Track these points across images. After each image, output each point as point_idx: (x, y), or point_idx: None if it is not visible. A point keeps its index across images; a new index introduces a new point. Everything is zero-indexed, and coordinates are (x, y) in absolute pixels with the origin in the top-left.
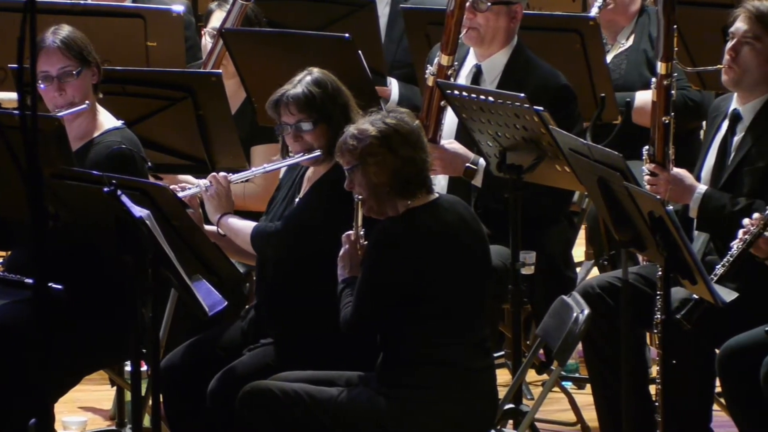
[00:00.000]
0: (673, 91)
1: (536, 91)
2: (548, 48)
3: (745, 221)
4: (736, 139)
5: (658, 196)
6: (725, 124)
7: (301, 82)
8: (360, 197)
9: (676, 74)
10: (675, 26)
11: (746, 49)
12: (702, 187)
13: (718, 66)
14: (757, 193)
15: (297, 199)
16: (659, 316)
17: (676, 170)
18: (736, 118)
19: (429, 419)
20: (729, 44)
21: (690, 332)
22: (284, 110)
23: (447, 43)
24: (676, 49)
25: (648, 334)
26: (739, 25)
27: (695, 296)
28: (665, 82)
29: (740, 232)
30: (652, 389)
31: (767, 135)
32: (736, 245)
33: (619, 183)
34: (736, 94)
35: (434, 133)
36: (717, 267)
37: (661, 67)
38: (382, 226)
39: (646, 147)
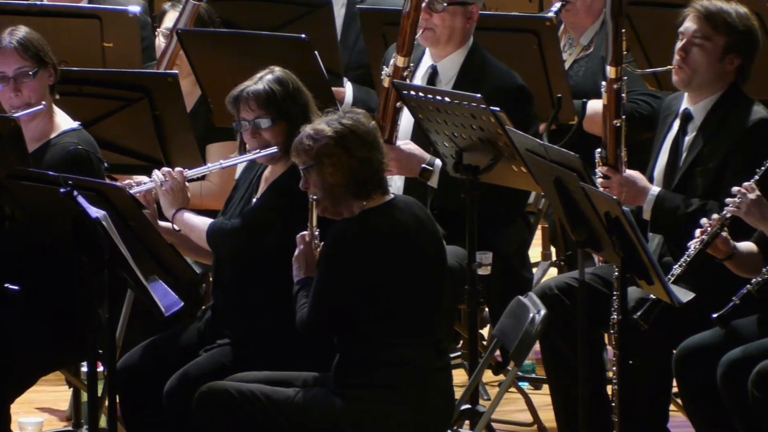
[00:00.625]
0: (623, 94)
1: (492, 91)
2: (505, 48)
3: (703, 221)
4: (688, 139)
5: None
6: (676, 124)
7: (262, 79)
8: (315, 197)
9: (626, 78)
10: (623, 30)
11: (696, 49)
12: (655, 189)
13: (669, 67)
14: (710, 193)
15: (254, 199)
16: (616, 316)
17: (628, 172)
18: (687, 117)
19: (385, 419)
20: (678, 44)
21: (647, 333)
22: (244, 106)
23: (403, 44)
24: (625, 53)
25: (605, 335)
26: (688, 25)
27: (652, 296)
28: (615, 86)
29: (698, 232)
30: (609, 390)
31: (718, 135)
32: (693, 245)
33: (576, 183)
34: (687, 94)
35: (390, 134)
36: (674, 267)
37: (610, 71)
38: (337, 228)
39: (599, 150)
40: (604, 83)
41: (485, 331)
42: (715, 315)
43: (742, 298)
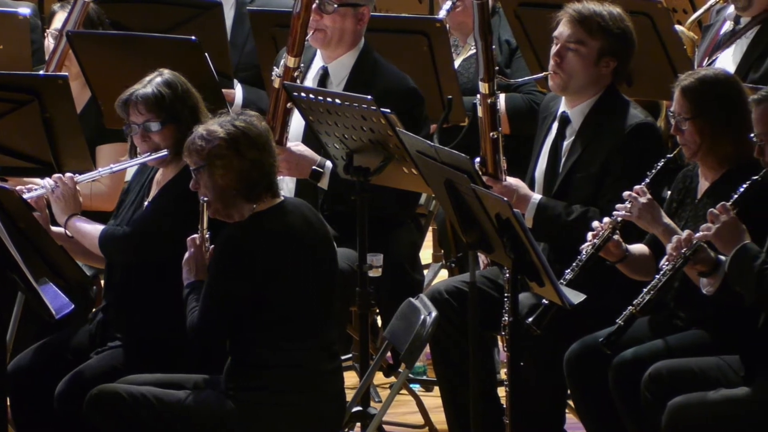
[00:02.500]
0: (499, 107)
1: (383, 93)
2: (395, 50)
3: (595, 224)
4: (566, 143)
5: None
6: (555, 127)
7: (151, 83)
8: (205, 199)
9: (513, 81)
10: (493, 47)
11: (571, 54)
12: (536, 197)
13: (545, 73)
14: (590, 200)
15: (146, 203)
16: (507, 318)
17: (509, 180)
18: (565, 121)
19: (276, 422)
20: (553, 49)
21: (538, 334)
22: (133, 109)
23: (293, 45)
24: (496, 63)
25: (498, 337)
26: (562, 29)
27: (545, 301)
28: (489, 101)
29: (590, 235)
30: (501, 392)
31: (596, 140)
32: (585, 249)
33: (466, 185)
34: (564, 97)
35: (281, 135)
36: (566, 272)
37: (483, 87)
38: (227, 231)
39: (477, 159)
40: (478, 96)
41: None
42: (602, 339)
43: (626, 320)
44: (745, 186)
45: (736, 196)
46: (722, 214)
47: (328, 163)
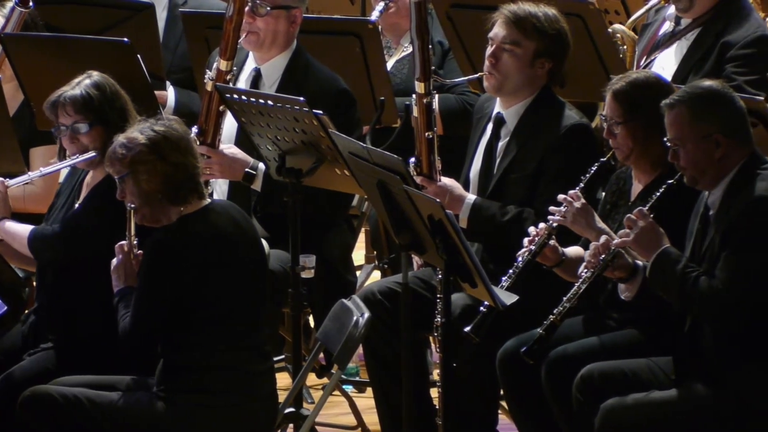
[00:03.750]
0: (434, 107)
1: (315, 95)
2: (328, 51)
3: (531, 230)
4: (501, 144)
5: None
6: (490, 127)
7: (79, 84)
8: (132, 206)
9: (448, 81)
10: (430, 46)
11: (506, 55)
12: (471, 197)
13: (480, 74)
14: (525, 200)
15: (77, 204)
16: (440, 319)
17: (444, 181)
18: (499, 122)
19: (208, 423)
20: (488, 50)
21: (478, 342)
22: (61, 111)
23: (225, 49)
24: (432, 66)
25: (431, 338)
26: (497, 30)
27: (482, 308)
28: (425, 101)
29: (526, 241)
30: (434, 392)
31: (531, 141)
32: (522, 255)
33: (399, 186)
34: (498, 98)
35: (213, 138)
36: (503, 279)
37: (419, 87)
38: (155, 236)
39: (413, 159)
40: (414, 95)
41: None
42: (523, 349)
43: (547, 330)
44: (661, 190)
45: (652, 200)
46: (640, 219)
47: (261, 165)
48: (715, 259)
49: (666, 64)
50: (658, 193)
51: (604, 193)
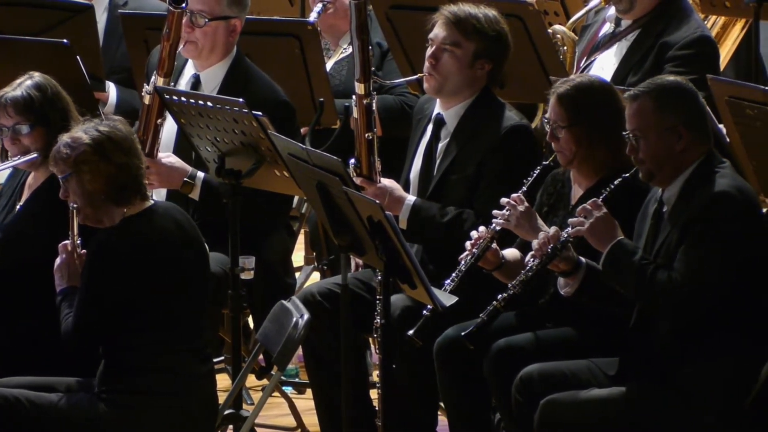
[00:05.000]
0: (374, 107)
1: (255, 104)
2: (267, 52)
3: (473, 233)
4: (441, 145)
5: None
6: (430, 128)
7: (21, 85)
8: (75, 206)
9: (388, 83)
10: (375, 44)
11: (446, 55)
12: (411, 198)
13: (420, 75)
14: (465, 202)
15: (18, 206)
16: (379, 320)
17: (384, 182)
18: (440, 123)
19: (149, 424)
20: (428, 51)
21: (421, 346)
22: (2, 112)
23: (163, 65)
24: (373, 68)
25: (370, 340)
26: (438, 31)
27: (425, 312)
28: (365, 101)
29: (468, 245)
30: (373, 394)
31: (471, 142)
32: (464, 259)
33: (338, 187)
34: (438, 99)
35: (152, 148)
36: (446, 282)
37: (359, 88)
38: (98, 237)
39: (353, 160)
40: (354, 97)
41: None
42: (463, 334)
43: (489, 315)
44: (616, 183)
45: (606, 192)
46: (594, 209)
47: (200, 174)
48: (673, 254)
49: (605, 64)
50: (612, 186)
51: (539, 195)
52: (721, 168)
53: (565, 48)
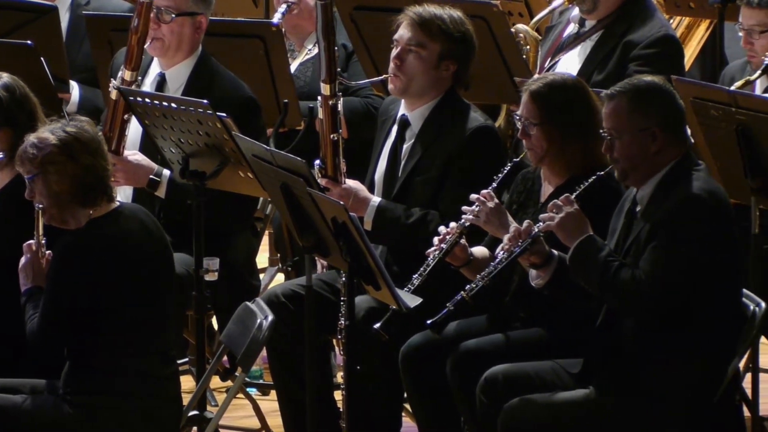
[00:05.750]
0: (339, 108)
1: (220, 102)
2: (232, 54)
3: (441, 229)
4: (406, 146)
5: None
6: (395, 130)
7: None
8: (40, 206)
9: (353, 84)
10: (340, 46)
11: (411, 56)
12: (376, 199)
13: (384, 76)
14: (430, 203)
15: None
16: (343, 321)
17: (349, 183)
18: (404, 124)
19: (113, 426)
20: (393, 52)
21: (375, 338)
22: None
23: (130, 59)
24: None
25: (335, 341)
26: (403, 32)
27: (393, 307)
28: (331, 102)
29: (436, 240)
30: (338, 395)
31: (436, 143)
32: (432, 254)
33: (302, 189)
34: (403, 100)
35: (118, 145)
36: (414, 277)
37: (324, 89)
38: (65, 238)
39: (317, 161)
40: (319, 98)
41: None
42: (429, 321)
43: (456, 305)
44: (590, 180)
45: (580, 189)
46: (566, 205)
47: (166, 172)
48: (641, 253)
49: (570, 65)
50: (585, 183)
51: (508, 194)
52: (696, 170)
53: (528, 47)
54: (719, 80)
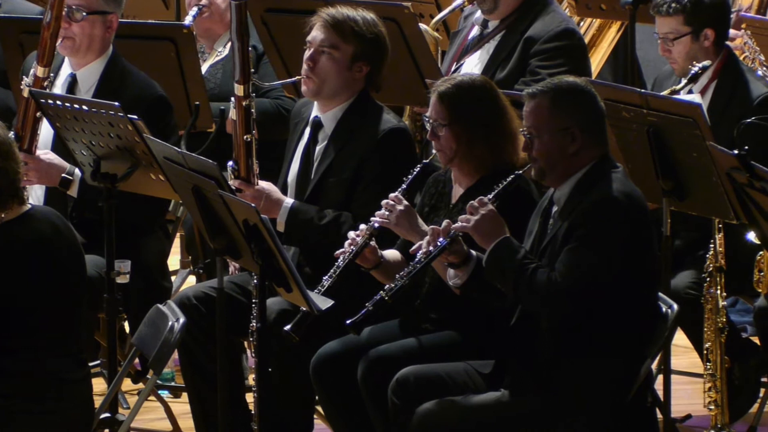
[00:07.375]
0: (252, 110)
1: (132, 101)
2: (143, 56)
3: (351, 234)
4: (319, 148)
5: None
6: (307, 131)
7: None
8: None
9: (265, 85)
10: (250, 48)
11: (324, 58)
12: (289, 201)
13: (297, 77)
14: (343, 205)
15: None
16: (255, 324)
17: (262, 184)
18: (317, 125)
19: (24, 429)
20: (306, 54)
21: (287, 340)
22: None
23: (43, 55)
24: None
25: (246, 343)
26: (316, 33)
27: (303, 309)
28: (244, 103)
29: (346, 243)
30: (249, 397)
31: (349, 145)
32: (342, 256)
33: (214, 191)
34: (316, 102)
35: (30, 144)
36: (324, 278)
37: (238, 89)
38: None
39: (231, 162)
40: (233, 98)
41: None
42: (348, 321)
43: (375, 305)
44: (507, 180)
45: (498, 189)
46: (481, 207)
47: (78, 171)
48: (557, 254)
49: (473, 66)
50: (503, 183)
51: (420, 197)
52: (614, 172)
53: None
54: (651, 87)
